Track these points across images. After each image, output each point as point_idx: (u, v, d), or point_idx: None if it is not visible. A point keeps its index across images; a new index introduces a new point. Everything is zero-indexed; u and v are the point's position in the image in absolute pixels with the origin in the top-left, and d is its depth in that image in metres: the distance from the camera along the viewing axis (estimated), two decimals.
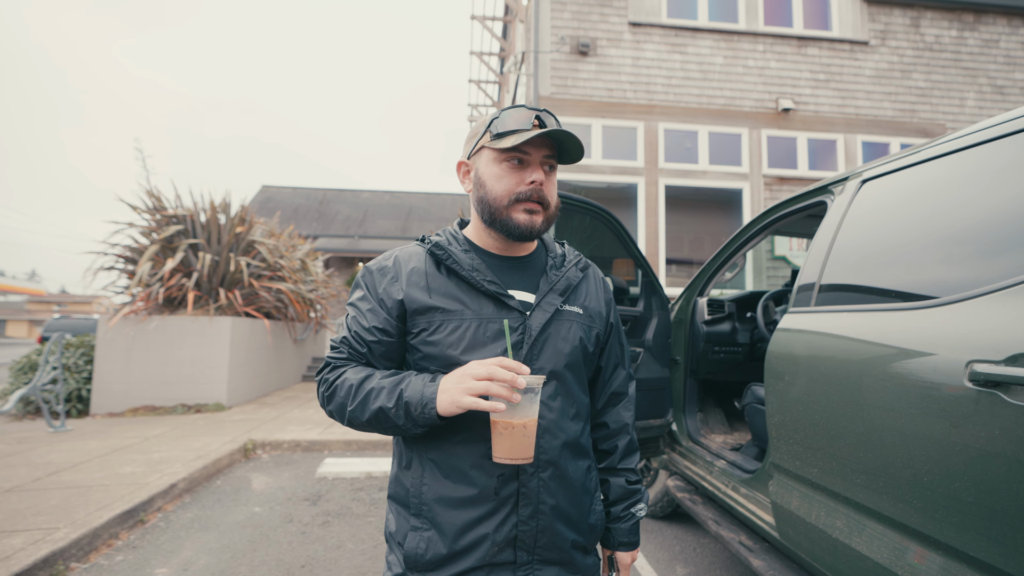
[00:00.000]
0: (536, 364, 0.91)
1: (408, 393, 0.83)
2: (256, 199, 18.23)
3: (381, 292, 0.93)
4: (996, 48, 7.70)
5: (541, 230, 0.93)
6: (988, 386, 0.99)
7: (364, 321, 0.92)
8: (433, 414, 0.81)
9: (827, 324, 1.50)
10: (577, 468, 0.94)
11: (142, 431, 5.00)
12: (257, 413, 6.10)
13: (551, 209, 0.94)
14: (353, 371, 0.90)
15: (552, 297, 0.96)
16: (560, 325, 0.95)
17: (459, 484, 0.87)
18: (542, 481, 0.89)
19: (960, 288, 1.13)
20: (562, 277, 0.99)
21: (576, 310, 0.99)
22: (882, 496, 1.23)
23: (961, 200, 1.24)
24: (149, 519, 3.05)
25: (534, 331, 0.91)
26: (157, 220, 6.78)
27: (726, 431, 2.75)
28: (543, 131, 0.87)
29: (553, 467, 0.90)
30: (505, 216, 0.90)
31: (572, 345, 0.95)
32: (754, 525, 1.87)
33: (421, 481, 0.89)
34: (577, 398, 0.96)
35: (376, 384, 0.86)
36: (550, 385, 0.92)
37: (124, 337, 6.11)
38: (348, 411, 0.87)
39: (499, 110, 0.95)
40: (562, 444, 0.91)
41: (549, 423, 0.90)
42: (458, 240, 0.98)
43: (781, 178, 7.15)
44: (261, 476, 3.98)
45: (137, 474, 3.56)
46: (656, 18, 7.15)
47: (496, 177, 0.90)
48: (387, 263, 0.96)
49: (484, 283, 0.91)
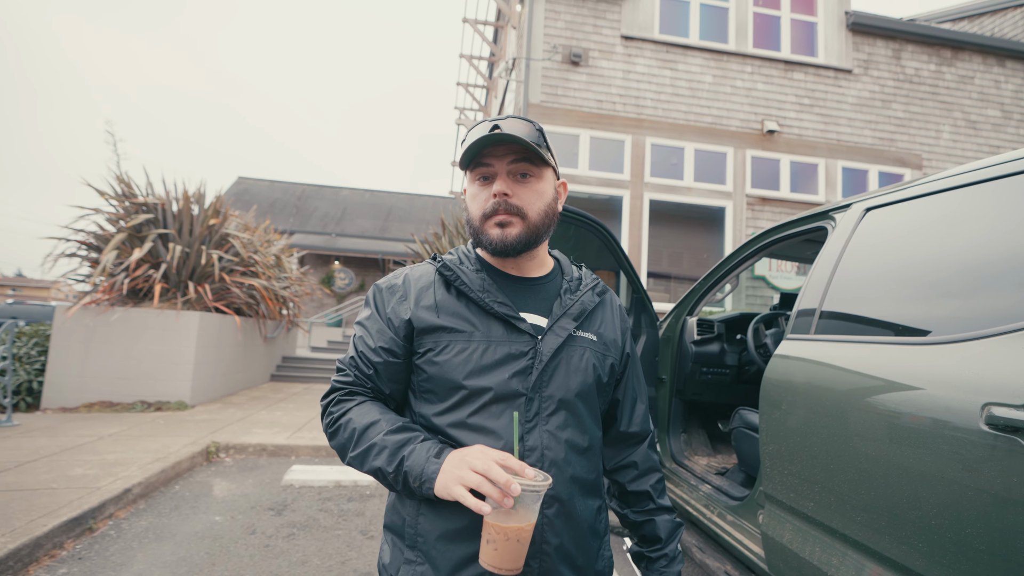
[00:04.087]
0: (546, 392, 0.85)
1: (409, 463, 0.78)
2: (231, 191, 17.79)
3: (389, 311, 0.90)
4: (971, 84, 7.98)
5: (519, 242, 0.87)
6: (1007, 431, 0.95)
7: (371, 341, 0.89)
8: (430, 493, 0.76)
9: (829, 354, 1.46)
10: (586, 507, 0.87)
11: (97, 429, 4.74)
12: (222, 413, 5.86)
13: (531, 218, 0.87)
14: (359, 411, 0.86)
15: (565, 321, 0.90)
16: (573, 351, 0.89)
17: (456, 516, 0.80)
18: (547, 518, 0.81)
19: (972, 326, 1.10)
20: (576, 301, 0.93)
21: (591, 337, 0.93)
22: (884, 536, 1.19)
23: (975, 236, 1.21)
24: (99, 527, 2.85)
25: (545, 356, 0.85)
26: (126, 207, 6.49)
27: (709, 453, 2.71)
28: (485, 137, 0.82)
29: (559, 503, 0.83)
30: (482, 234, 0.88)
31: (585, 373, 0.89)
32: (741, 555, 1.82)
33: (418, 511, 0.83)
34: (589, 430, 0.90)
35: (379, 440, 0.81)
36: (559, 415, 0.85)
37: (83, 328, 5.81)
38: (349, 456, 0.84)
39: (468, 130, 0.91)
40: (570, 478, 0.84)
41: (556, 456, 0.83)
42: (470, 259, 0.95)
43: (764, 198, 7.24)
44: (223, 482, 3.79)
45: (88, 477, 3.34)
46: (648, 33, 7.20)
47: (472, 197, 0.90)
48: (397, 281, 0.93)
49: (494, 304, 0.86)
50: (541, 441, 0.83)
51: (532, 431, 0.83)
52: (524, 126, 0.88)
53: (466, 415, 0.83)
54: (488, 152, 0.86)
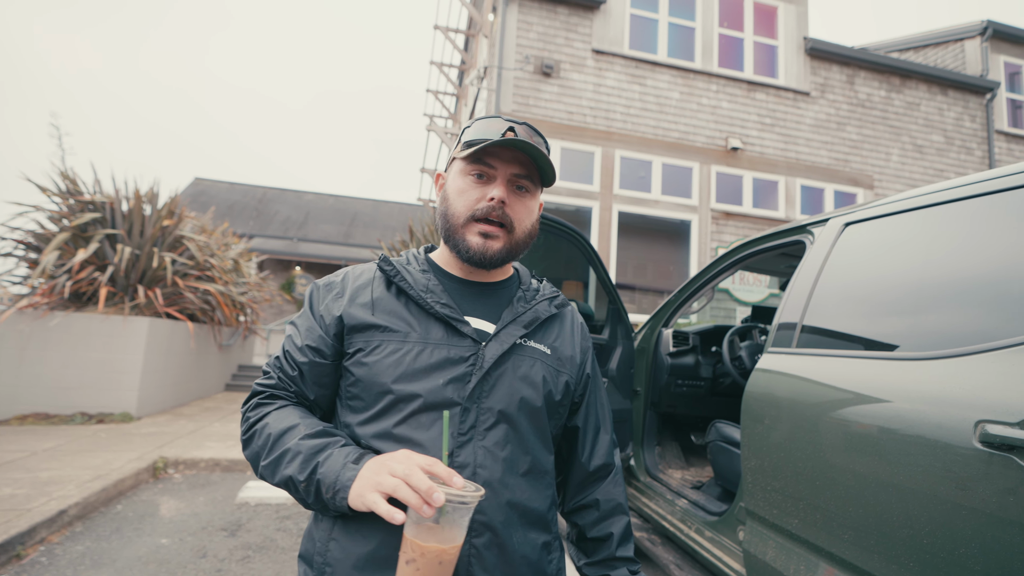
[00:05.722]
0: (485, 403, 0.76)
1: (323, 470, 0.68)
2: (188, 191, 17.09)
3: (322, 308, 0.83)
4: (917, 111, 8.45)
5: (498, 257, 0.81)
6: (1002, 449, 0.94)
7: (298, 340, 0.82)
8: (344, 505, 0.67)
9: (813, 368, 1.45)
10: (526, 541, 0.77)
11: (30, 443, 4.37)
12: (172, 425, 5.53)
13: (516, 234, 0.82)
14: (277, 415, 0.76)
15: (514, 328, 0.83)
16: (520, 361, 0.81)
17: (371, 543, 0.71)
18: (475, 549, 0.72)
19: (962, 342, 1.10)
20: (530, 309, 0.87)
21: (542, 348, 0.85)
22: (873, 555, 1.17)
23: (959, 252, 1.22)
24: (28, 554, 2.60)
25: (486, 364, 0.77)
26: (70, 205, 6.09)
27: (683, 466, 2.69)
28: (506, 140, 0.76)
29: (491, 532, 0.73)
30: (459, 235, 0.82)
31: (532, 386, 0.81)
32: (720, 572, 1.79)
33: (329, 536, 0.74)
34: (533, 451, 0.81)
35: (294, 446, 0.71)
36: (498, 430, 0.77)
37: (17, 333, 5.39)
38: (261, 466, 0.73)
39: (475, 119, 0.85)
40: (507, 503, 0.75)
41: (491, 476, 0.74)
42: (418, 260, 0.90)
43: (727, 213, 7.43)
44: (172, 500, 3.55)
45: (18, 497, 3.06)
46: (618, 48, 7.32)
47: (458, 192, 0.82)
48: (335, 279, 0.88)
49: (435, 305, 0.79)
50: (475, 458, 0.74)
51: (465, 446, 0.74)
52: (538, 140, 0.83)
53: (392, 424, 0.74)
54: (494, 152, 0.80)
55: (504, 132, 0.80)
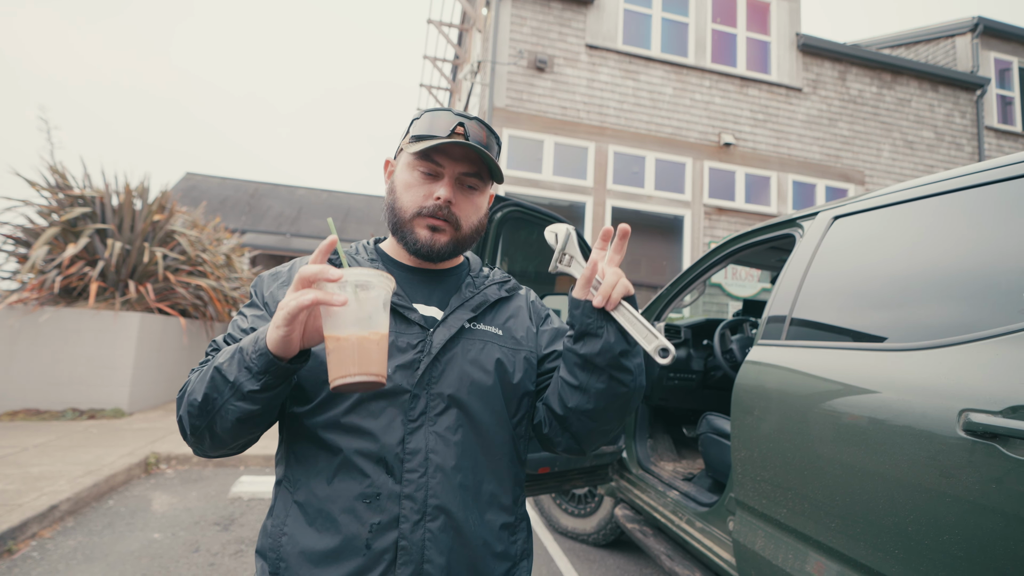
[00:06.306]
0: (435, 388, 0.77)
1: (245, 341, 0.67)
2: (179, 186, 16.94)
3: (267, 295, 0.83)
4: (908, 107, 8.50)
5: (445, 251, 0.82)
6: (985, 437, 0.96)
7: (243, 323, 0.80)
8: (263, 346, 0.63)
9: (802, 360, 1.46)
10: (483, 524, 0.77)
11: (20, 439, 4.34)
12: (163, 421, 5.51)
13: (463, 231, 0.83)
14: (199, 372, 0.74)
15: (462, 312, 0.83)
16: (470, 345, 0.81)
17: (324, 533, 0.71)
18: (430, 533, 0.72)
19: (947, 332, 1.11)
20: (478, 293, 0.87)
21: (492, 330, 0.85)
22: (859, 543, 1.19)
23: (945, 244, 1.23)
24: (19, 548, 2.59)
25: (434, 349, 0.77)
26: (60, 200, 6.02)
27: (675, 459, 2.72)
28: (453, 140, 0.77)
29: (445, 516, 0.73)
30: (407, 229, 0.82)
31: (483, 370, 0.80)
32: (710, 562, 1.81)
33: (282, 530, 0.74)
34: (488, 435, 0.80)
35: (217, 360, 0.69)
36: (449, 415, 0.77)
37: (7, 329, 5.34)
38: (186, 403, 0.70)
39: (424, 110, 0.85)
40: (459, 486, 0.75)
41: (444, 461, 0.74)
42: (367, 250, 0.91)
43: (720, 208, 7.46)
44: (164, 495, 3.54)
45: (9, 492, 3.04)
46: (612, 43, 7.31)
47: (406, 186, 0.82)
48: (282, 269, 0.88)
49: None
50: (426, 443, 0.74)
51: (416, 432, 0.74)
52: (488, 137, 0.83)
53: (340, 413, 0.73)
54: (444, 149, 0.80)
55: (453, 128, 0.79)
